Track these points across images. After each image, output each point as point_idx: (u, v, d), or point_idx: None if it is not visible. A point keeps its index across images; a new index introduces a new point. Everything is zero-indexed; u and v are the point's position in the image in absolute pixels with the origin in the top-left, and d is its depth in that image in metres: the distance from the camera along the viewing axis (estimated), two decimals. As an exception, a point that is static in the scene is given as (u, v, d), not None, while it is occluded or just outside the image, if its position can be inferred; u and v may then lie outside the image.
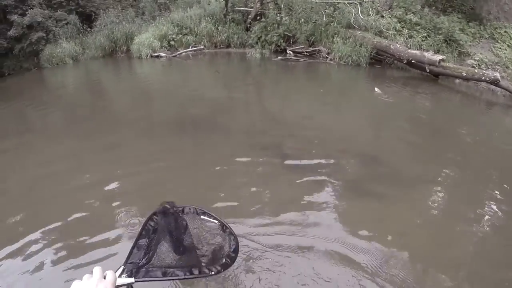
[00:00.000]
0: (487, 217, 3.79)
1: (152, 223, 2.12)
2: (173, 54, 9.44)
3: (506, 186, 4.43)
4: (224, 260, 2.04)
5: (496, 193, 4.29)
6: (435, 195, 4.05)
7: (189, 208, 2.35)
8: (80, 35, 10.47)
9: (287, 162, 4.16)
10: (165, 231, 2.14)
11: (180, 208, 2.30)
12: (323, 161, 4.28)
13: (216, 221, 2.27)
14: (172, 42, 9.69)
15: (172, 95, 6.67)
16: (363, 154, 4.64)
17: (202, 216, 2.28)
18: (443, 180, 4.39)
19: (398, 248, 2.99)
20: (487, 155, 5.45)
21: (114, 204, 3.21)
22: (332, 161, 4.29)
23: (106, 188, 3.49)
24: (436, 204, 3.85)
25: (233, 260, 2.12)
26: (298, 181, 3.78)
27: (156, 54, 9.60)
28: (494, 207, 4.01)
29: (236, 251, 2.13)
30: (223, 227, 2.23)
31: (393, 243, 3.05)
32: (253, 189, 3.57)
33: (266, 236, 2.90)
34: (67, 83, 9.02)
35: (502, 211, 3.97)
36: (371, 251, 2.91)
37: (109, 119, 5.64)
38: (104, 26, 10.48)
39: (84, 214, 3.13)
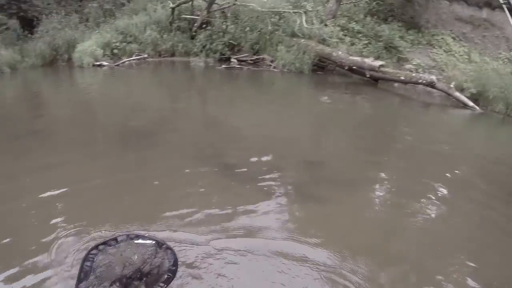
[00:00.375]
0: (427, 210, 4.01)
1: (88, 263, 2.11)
2: (116, 63, 9.16)
3: (444, 179, 4.76)
4: (166, 276, 2.07)
5: (434, 186, 4.56)
6: (377, 193, 4.24)
7: (122, 236, 2.39)
8: (20, 41, 9.91)
9: (231, 171, 4.15)
10: (106, 269, 2.15)
11: (113, 240, 2.32)
12: (266, 168, 4.33)
13: (151, 241, 2.33)
14: (115, 51, 9.40)
15: (115, 106, 6.47)
16: (305, 158, 4.75)
17: (136, 241, 2.35)
18: (384, 179, 4.61)
19: (344, 247, 3.10)
20: (426, 152, 5.77)
21: (50, 231, 2.93)
22: (275, 167, 4.35)
23: (44, 210, 3.22)
24: (378, 201, 4.04)
25: (174, 273, 2.12)
26: (242, 189, 3.80)
27: (98, 63, 9.26)
28: (434, 199, 4.26)
29: (175, 263, 2.18)
30: (159, 244, 2.31)
31: (339, 242, 3.16)
32: (197, 200, 3.53)
33: (214, 241, 2.92)
34: (2, 95, 8.52)
35: (441, 202, 4.24)
36: (318, 251, 3.01)
37: (48, 134, 5.28)
38: (46, 32, 9.96)
39: (14, 240, 2.83)
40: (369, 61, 8.97)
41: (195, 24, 9.43)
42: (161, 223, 3.15)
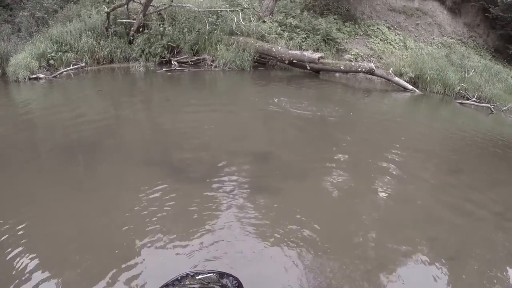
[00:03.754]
0: (378, 190, 4.26)
1: None
2: (53, 75, 8.79)
3: (391, 159, 5.08)
4: None
5: (383, 167, 4.88)
6: (328, 178, 4.40)
7: (182, 276, 2.44)
8: None
9: (182, 173, 4.16)
10: None
11: (175, 281, 2.38)
12: (216, 166, 4.36)
13: (211, 274, 2.44)
14: (51, 61, 9.01)
15: (55, 121, 6.15)
16: (254, 152, 4.83)
17: (198, 277, 2.42)
18: (333, 165, 4.80)
19: (301, 233, 3.24)
20: (372, 135, 6.10)
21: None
22: (225, 164, 4.40)
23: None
24: (330, 186, 4.20)
25: None
26: (195, 190, 3.81)
27: (34, 76, 8.83)
28: (384, 179, 4.55)
29: (240, 286, 2.32)
30: (220, 275, 2.44)
31: (297, 230, 3.29)
32: (149, 208, 3.47)
33: (175, 245, 2.97)
34: None
35: (391, 181, 4.52)
36: (276, 240, 3.14)
37: None
38: (-24, 45, 9.41)
39: None
40: (309, 54, 9.28)
41: (132, 28, 9.24)
42: (105, 241, 3.10)
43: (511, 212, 4.10)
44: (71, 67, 9.03)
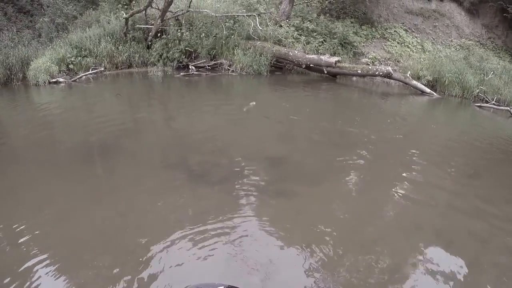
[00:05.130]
0: (394, 194, 4.21)
1: None
2: (73, 79, 8.96)
3: (409, 163, 5.02)
4: None
5: (400, 171, 4.83)
6: (343, 183, 4.39)
7: None
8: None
9: (199, 177, 4.18)
10: None
11: None
12: (233, 169, 4.39)
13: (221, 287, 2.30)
14: (71, 66, 9.18)
15: (75, 123, 6.28)
16: (269, 157, 4.82)
17: None
18: (349, 168, 4.77)
19: (317, 237, 3.25)
20: (389, 139, 6.05)
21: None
22: (242, 168, 4.42)
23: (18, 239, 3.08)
24: (344, 192, 4.19)
25: None
26: (211, 195, 3.84)
27: (54, 80, 9.01)
28: (400, 183, 4.50)
29: None
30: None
31: (312, 234, 3.30)
32: (166, 211, 3.52)
33: (193, 249, 2.98)
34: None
35: (408, 186, 4.46)
36: (294, 244, 3.14)
37: (8, 157, 5.09)
38: (-2, 51, 9.64)
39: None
40: (326, 58, 9.21)
41: (150, 34, 9.34)
42: (132, 238, 3.14)
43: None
44: (90, 72, 9.18)
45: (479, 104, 9.03)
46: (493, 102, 9.14)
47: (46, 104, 8.19)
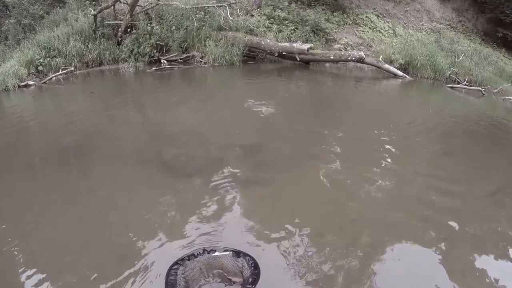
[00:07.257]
0: (371, 174, 4.30)
1: (172, 278, 2.29)
2: (43, 81, 8.72)
3: (385, 142, 5.12)
4: (250, 279, 2.29)
5: (376, 151, 4.90)
6: (319, 168, 4.41)
7: (198, 252, 2.56)
8: None
9: (175, 170, 4.18)
10: (192, 280, 2.36)
11: (191, 255, 2.50)
12: (209, 161, 4.40)
13: (228, 252, 2.54)
14: (40, 68, 8.94)
15: (47, 126, 6.13)
16: (245, 145, 4.83)
17: (214, 254, 2.53)
18: (325, 152, 4.82)
19: (298, 223, 3.29)
20: (364, 121, 6.11)
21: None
22: (217, 159, 4.43)
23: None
24: (320, 176, 4.21)
25: (258, 275, 2.34)
26: (187, 186, 3.84)
27: (24, 83, 8.78)
28: (377, 162, 4.57)
29: (257, 267, 2.39)
30: (237, 253, 2.51)
31: (292, 219, 3.33)
32: (145, 207, 3.49)
33: (174, 242, 3.00)
34: None
35: (385, 164, 4.55)
36: (274, 231, 3.17)
37: None
38: (-36, 57, 9.35)
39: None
40: (298, 45, 9.25)
41: (120, 29, 9.18)
42: (101, 240, 3.11)
43: (503, 192, 4.14)
44: (60, 72, 8.96)
45: (451, 85, 9.25)
46: (465, 83, 9.38)
47: (17, 109, 8.00)
